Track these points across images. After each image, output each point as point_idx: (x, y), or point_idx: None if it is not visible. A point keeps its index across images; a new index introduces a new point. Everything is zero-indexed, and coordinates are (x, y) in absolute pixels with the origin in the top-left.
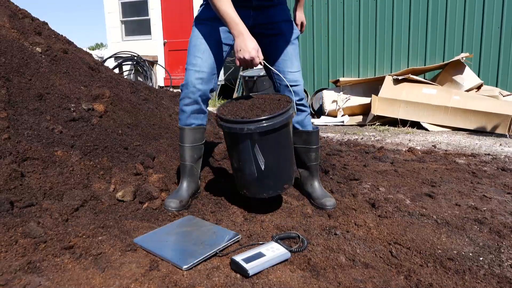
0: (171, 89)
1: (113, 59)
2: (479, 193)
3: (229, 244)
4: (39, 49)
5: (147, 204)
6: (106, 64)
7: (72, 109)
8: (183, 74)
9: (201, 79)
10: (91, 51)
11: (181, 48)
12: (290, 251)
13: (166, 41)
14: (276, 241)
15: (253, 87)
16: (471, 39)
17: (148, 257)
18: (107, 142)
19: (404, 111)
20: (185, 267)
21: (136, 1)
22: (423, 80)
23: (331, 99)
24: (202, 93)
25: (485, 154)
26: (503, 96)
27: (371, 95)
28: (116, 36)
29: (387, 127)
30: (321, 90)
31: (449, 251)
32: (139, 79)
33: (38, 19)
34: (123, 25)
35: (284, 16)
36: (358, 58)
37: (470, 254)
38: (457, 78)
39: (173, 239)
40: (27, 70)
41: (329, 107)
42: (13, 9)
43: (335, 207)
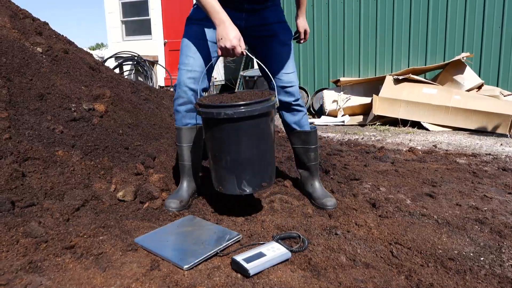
0: (172, 89)
1: (113, 59)
2: (480, 193)
3: (229, 244)
4: (40, 49)
5: (147, 204)
6: (106, 64)
7: (73, 109)
8: None
9: (193, 79)
10: (91, 51)
11: None
12: (290, 251)
13: (166, 41)
14: (276, 241)
15: (254, 86)
16: (472, 38)
17: (149, 257)
18: (107, 142)
19: (404, 111)
20: (186, 267)
21: (136, 1)
22: (423, 80)
23: (331, 99)
24: (195, 93)
25: (486, 154)
26: (504, 96)
27: (372, 95)
28: (116, 36)
29: (387, 127)
30: (322, 90)
31: (450, 251)
32: (140, 79)
33: (39, 19)
34: (124, 25)
35: (277, 17)
36: (358, 58)
37: (471, 254)
38: (457, 77)
39: (173, 239)
40: (28, 70)
41: (329, 107)
42: (14, 9)
43: (335, 207)
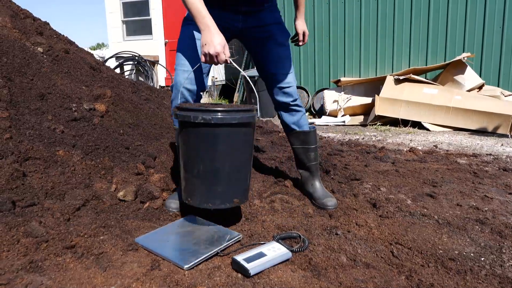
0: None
1: (114, 59)
2: (480, 193)
3: (230, 243)
4: (40, 49)
5: (148, 203)
6: (107, 64)
7: (73, 109)
8: None
9: (190, 79)
10: (92, 51)
11: None
12: (291, 251)
13: (167, 41)
14: (277, 241)
15: (254, 86)
16: (473, 38)
17: (149, 256)
18: (108, 142)
19: (405, 111)
20: (187, 266)
21: (137, 1)
22: (424, 80)
23: (332, 99)
24: (192, 93)
25: (487, 154)
26: (505, 96)
27: (372, 95)
28: (117, 36)
29: (388, 127)
30: (322, 90)
31: (451, 251)
32: (140, 79)
33: (39, 19)
34: (124, 25)
35: (274, 18)
36: (359, 58)
37: (471, 254)
38: (458, 78)
39: (174, 238)
40: (29, 70)
41: (330, 107)
42: (14, 9)
43: (336, 207)
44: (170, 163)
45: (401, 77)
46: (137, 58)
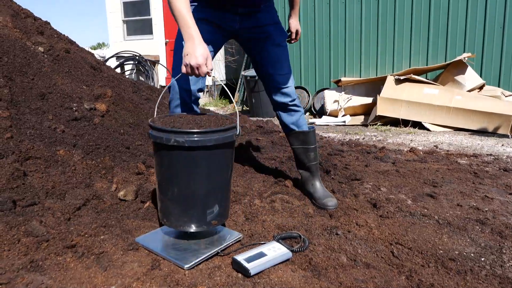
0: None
1: (115, 58)
2: (481, 194)
3: (230, 243)
4: (41, 49)
5: (148, 203)
6: (108, 63)
7: (74, 108)
8: None
9: (187, 79)
10: (93, 51)
11: None
12: (291, 251)
13: (167, 40)
14: (277, 241)
15: (255, 86)
16: (473, 39)
17: (149, 256)
18: (109, 141)
19: (405, 111)
20: (187, 266)
21: (138, 1)
22: (425, 80)
23: (332, 99)
24: (190, 93)
25: (487, 154)
26: (505, 96)
27: (373, 95)
28: (118, 35)
29: (388, 127)
30: (323, 90)
31: (451, 252)
32: (141, 78)
33: (40, 19)
34: (125, 25)
35: (271, 19)
36: (359, 58)
37: (471, 254)
38: (459, 78)
39: (174, 238)
40: (30, 69)
41: (330, 107)
42: (15, 8)
43: (336, 207)
44: None
45: (402, 77)
46: (137, 57)
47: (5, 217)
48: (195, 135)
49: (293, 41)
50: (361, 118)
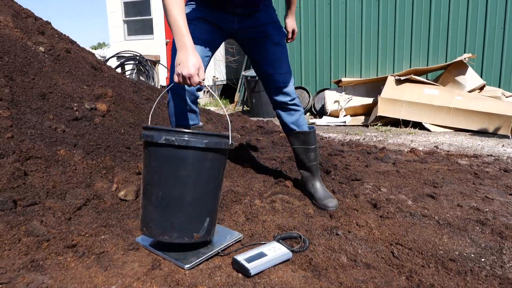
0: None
1: (115, 58)
2: (481, 194)
3: (231, 243)
4: (42, 49)
5: None
6: (108, 63)
7: (75, 108)
8: None
9: None
10: (93, 51)
11: None
12: (291, 251)
13: (168, 40)
14: (277, 241)
15: (255, 86)
16: (474, 39)
17: (150, 256)
18: (109, 141)
19: (406, 111)
20: (187, 266)
21: (138, 1)
22: (425, 80)
23: (333, 99)
24: (188, 93)
25: (488, 155)
26: (506, 97)
27: (374, 96)
28: (118, 35)
29: (389, 127)
30: (323, 90)
31: (451, 252)
32: (141, 78)
33: (41, 19)
34: (126, 25)
35: (269, 18)
36: (360, 58)
37: (472, 255)
38: (459, 78)
39: None
40: (30, 69)
41: (331, 107)
42: (16, 8)
43: (337, 208)
44: None
45: (402, 78)
46: (138, 57)
47: (5, 216)
48: (185, 135)
49: (289, 41)
50: (362, 118)
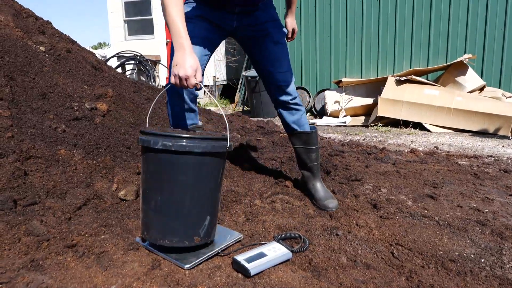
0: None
1: (116, 58)
2: (481, 195)
3: (231, 243)
4: (42, 48)
5: None
6: (109, 63)
7: (75, 108)
8: None
9: None
10: (94, 51)
11: None
12: (291, 251)
13: (168, 40)
14: (277, 241)
15: (255, 86)
16: (474, 40)
17: (150, 256)
18: (109, 141)
19: (406, 112)
20: (187, 266)
21: (139, 1)
22: (425, 81)
23: (333, 99)
24: (187, 92)
25: (488, 155)
26: (506, 97)
27: (374, 96)
28: (119, 35)
29: (389, 128)
30: (324, 90)
31: (451, 253)
32: (142, 78)
33: (42, 18)
34: (126, 25)
35: (269, 16)
36: (360, 58)
37: (471, 255)
38: (459, 79)
39: None
40: (31, 69)
41: (331, 107)
42: (17, 8)
43: (337, 209)
44: None
45: (403, 78)
46: (138, 57)
47: (5, 216)
48: (183, 140)
49: (289, 40)
50: (362, 118)
